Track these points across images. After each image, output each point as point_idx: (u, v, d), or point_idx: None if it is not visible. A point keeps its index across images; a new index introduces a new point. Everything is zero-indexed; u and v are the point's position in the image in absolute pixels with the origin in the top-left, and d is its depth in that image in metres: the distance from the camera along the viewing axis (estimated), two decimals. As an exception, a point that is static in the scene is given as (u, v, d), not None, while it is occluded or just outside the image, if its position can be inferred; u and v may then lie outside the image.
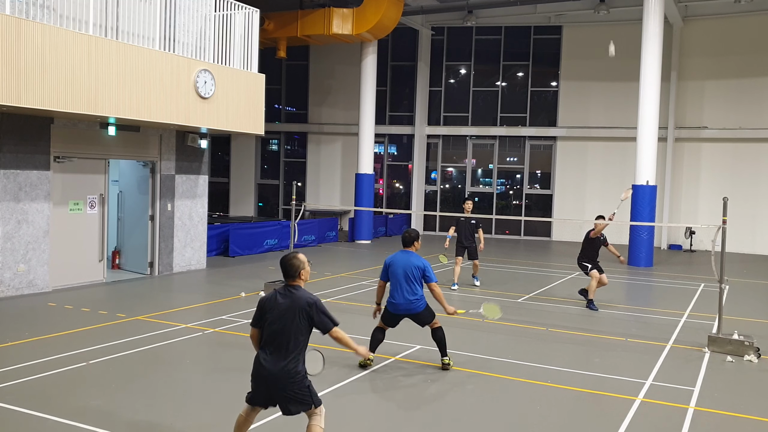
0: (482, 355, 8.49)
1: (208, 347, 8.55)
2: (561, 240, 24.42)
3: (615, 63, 23.19)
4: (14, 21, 9.40)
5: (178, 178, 14.40)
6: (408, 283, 7.69)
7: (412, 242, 8.06)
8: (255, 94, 14.14)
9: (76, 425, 5.80)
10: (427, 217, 26.05)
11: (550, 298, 12.84)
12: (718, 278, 9.15)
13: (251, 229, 18.38)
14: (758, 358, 8.63)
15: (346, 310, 10.98)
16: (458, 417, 6.34)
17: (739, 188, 21.74)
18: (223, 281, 13.43)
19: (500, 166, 25.85)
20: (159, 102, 11.80)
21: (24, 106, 9.72)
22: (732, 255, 17.36)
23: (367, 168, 22.34)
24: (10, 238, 11.14)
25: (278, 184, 27.75)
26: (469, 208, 13.62)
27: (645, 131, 17.85)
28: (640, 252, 17.78)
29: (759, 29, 21.89)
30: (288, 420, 5.14)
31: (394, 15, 20.47)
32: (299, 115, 27.49)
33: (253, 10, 13.98)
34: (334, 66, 26.40)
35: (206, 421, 6.08)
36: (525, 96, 25.23)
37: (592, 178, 24.11)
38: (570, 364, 8.20)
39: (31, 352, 7.95)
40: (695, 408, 6.77)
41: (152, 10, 11.97)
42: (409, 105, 26.04)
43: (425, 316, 7.83)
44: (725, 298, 10.03)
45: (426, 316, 7.83)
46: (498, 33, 25.23)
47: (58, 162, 11.91)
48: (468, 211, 13.60)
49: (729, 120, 22.36)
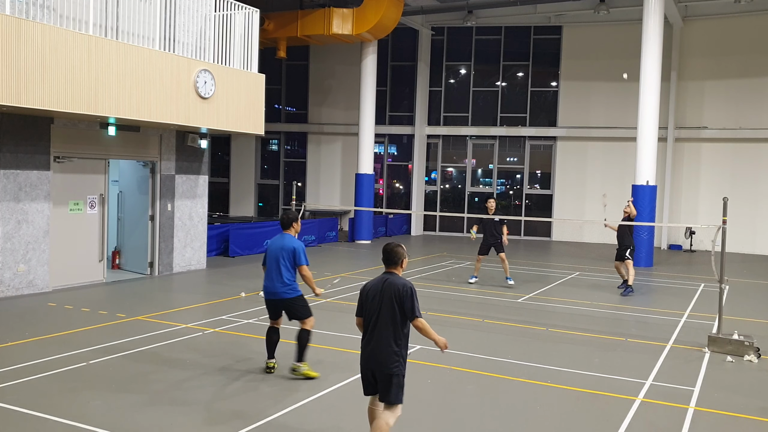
0: (482, 355, 8.49)
1: (208, 347, 8.54)
2: (561, 240, 24.42)
3: (615, 63, 23.24)
4: (14, 21, 9.41)
5: (178, 178, 14.41)
6: (279, 266, 7.38)
7: (290, 224, 7.61)
8: (255, 94, 14.13)
9: (76, 425, 5.80)
10: (427, 217, 26.06)
11: (550, 298, 12.84)
12: (718, 278, 9.15)
13: (251, 229, 18.38)
14: (758, 358, 8.63)
15: (347, 310, 10.98)
16: (458, 417, 6.34)
17: (739, 188, 21.74)
18: (223, 281, 13.43)
19: (500, 166, 25.85)
20: (159, 102, 11.80)
21: (24, 106, 9.72)
22: (732, 255, 17.37)
23: (367, 168, 22.34)
24: (10, 238, 11.14)
25: (278, 184, 27.75)
26: (492, 207, 13.84)
27: (645, 131, 17.85)
28: (640, 252, 17.74)
29: (759, 29, 21.89)
30: (289, 419, 5.13)
31: (394, 15, 20.47)
32: (299, 115, 27.49)
33: (253, 10, 13.98)
34: (334, 66, 26.40)
35: (206, 421, 6.08)
36: (525, 96, 25.23)
37: (592, 178, 24.10)
38: (570, 364, 8.20)
39: (31, 352, 7.95)
40: (695, 408, 6.77)
41: (152, 10, 11.97)
42: (409, 105, 26.04)
43: (297, 308, 7.43)
44: (725, 298, 10.03)
45: (298, 308, 7.43)
46: (498, 33, 25.24)
47: (58, 162, 11.91)
48: (491, 210, 13.82)
49: (729, 120, 22.36)
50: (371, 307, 5.13)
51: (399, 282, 5.11)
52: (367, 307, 5.17)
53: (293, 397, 6.69)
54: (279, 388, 6.98)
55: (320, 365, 7.68)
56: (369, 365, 5.10)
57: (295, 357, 7.32)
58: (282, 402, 6.54)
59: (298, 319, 7.46)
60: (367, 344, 5.12)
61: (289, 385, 7.09)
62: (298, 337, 7.34)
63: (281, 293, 7.38)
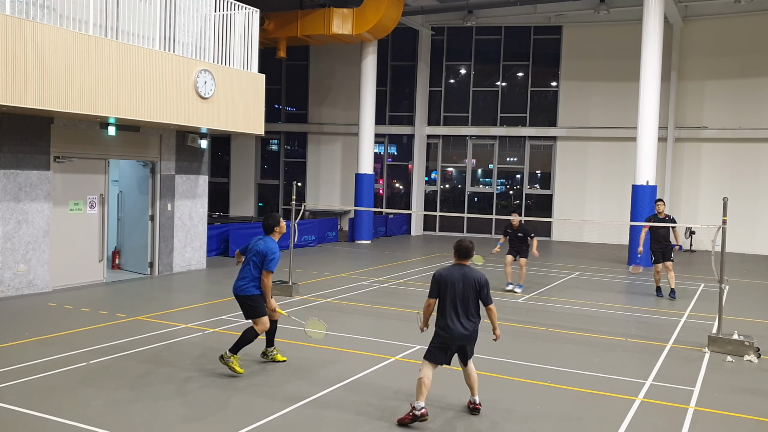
0: (482, 355, 8.47)
1: (208, 347, 8.54)
2: (561, 240, 24.42)
3: (615, 63, 23.26)
4: (14, 21, 9.41)
5: (178, 178, 14.41)
6: (250, 262, 7.47)
7: (272, 230, 7.62)
8: (255, 94, 14.13)
9: (76, 425, 5.80)
10: (427, 217, 26.06)
11: (550, 298, 12.83)
12: (718, 278, 9.14)
13: (251, 229, 18.38)
14: (758, 358, 8.63)
15: (346, 310, 10.98)
16: (458, 417, 6.33)
17: (739, 188, 21.74)
18: (223, 281, 13.42)
19: (500, 166, 25.85)
20: (159, 102, 11.80)
21: (24, 106, 9.72)
22: (732, 255, 17.36)
23: (367, 168, 22.34)
24: (10, 238, 11.14)
25: (278, 184, 27.75)
26: (516, 222, 13.23)
27: (645, 131, 17.84)
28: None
29: (759, 29, 21.89)
30: (289, 419, 5.12)
31: (394, 15, 20.47)
32: (299, 115, 27.49)
33: (253, 10, 13.98)
34: (334, 66, 26.40)
35: (206, 421, 6.08)
36: (525, 96, 25.23)
37: (592, 178, 24.11)
38: (570, 364, 8.20)
39: (31, 352, 7.95)
40: (695, 408, 6.77)
41: (152, 10, 11.97)
42: (409, 105, 26.04)
43: (254, 306, 7.44)
44: (725, 298, 10.03)
45: (255, 306, 7.43)
46: (498, 33, 25.24)
47: (58, 162, 11.91)
48: (515, 226, 13.24)
49: (729, 120, 22.35)
50: (455, 291, 6.18)
51: (476, 273, 6.28)
52: (448, 290, 6.19)
53: (294, 397, 6.69)
54: (280, 388, 6.97)
55: (320, 365, 7.67)
56: (460, 341, 6.23)
57: (230, 346, 7.37)
58: (284, 402, 6.53)
59: (252, 317, 7.49)
60: (459, 323, 6.17)
61: (290, 384, 7.09)
62: (244, 332, 7.40)
63: (244, 288, 7.45)
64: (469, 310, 6.21)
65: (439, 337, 6.24)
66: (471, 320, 6.22)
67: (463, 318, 6.18)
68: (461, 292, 6.18)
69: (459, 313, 6.18)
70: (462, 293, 6.18)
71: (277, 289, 12.12)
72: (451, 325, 6.17)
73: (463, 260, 6.36)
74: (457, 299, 6.18)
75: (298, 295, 12.07)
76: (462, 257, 6.37)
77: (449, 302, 6.19)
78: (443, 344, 6.23)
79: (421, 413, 6.02)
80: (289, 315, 8.32)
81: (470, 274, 6.25)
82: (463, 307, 6.19)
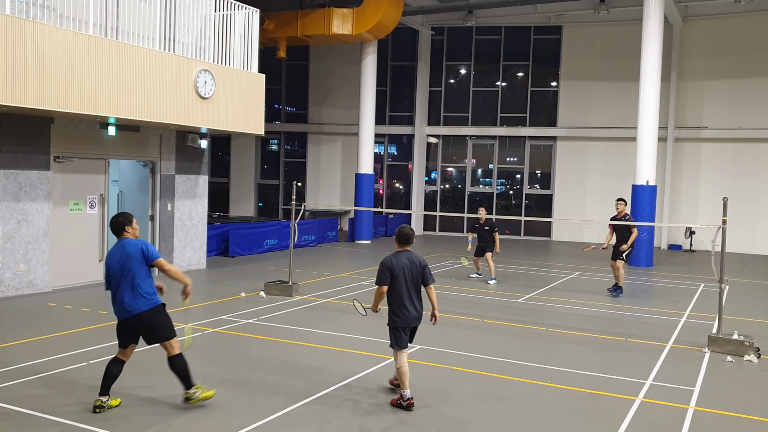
0: (482, 355, 8.49)
1: (209, 347, 8.54)
2: (561, 240, 24.43)
3: (615, 63, 23.26)
4: (14, 21, 9.40)
5: (178, 178, 14.41)
6: (128, 277, 6.00)
7: (123, 229, 6.19)
8: (255, 94, 14.14)
9: (76, 425, 5.80)
10: (427, 217, 26.06)
11: (550, 298, 12.84)
12: (718, 278, 9.14)
13: (251, 229, 18.38)
14: (758, 358, 8.63)
15: (347, 310, 10.98)
16: (458, 417, 6.34)
17: (739, 188, 21.75)
18: (223, 281, 13.42)
19: (500, 166, 25.85)
20: (159, 102, 11.80)
21: (24, 106, 9.72)
22: (732, 255, 17.37)
23: (367, 168, 22.34)
24: (10, 238, 11.14)
25: (278, 184, 27.75)
26: (481, 216, 14.42)
27: (645, 131, 17.85)
28: (640, 252, 17.75)
29: (759, 29, 21.90)
30: (289, 419, 5.11)
31: (394, 15, 20.47)
32: (299, 115, 27.49)
33: (253, 10, 13.98)
34: (334, 66, 26.40)
35: (206, 421, 6.08)
36: (525, 96, 25.23)
37: (592, 178, 24.11)
38: (570, 364, 8.20)
39: (31, 352, 7.95)
40: (695, 408, 6.76)
41: (152, 10, 11.97)
42: (409, 105, 26.04)
43: (156, 328, 6.08)
44: (725, 298, 10.03)
45: (157, 329, 6.08)
46: (498, 33, 25.24)
47: (58, 162, 11.91)
48: (482, 220, 14.41)
49: (729, 120, 22.36)
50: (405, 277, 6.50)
51: (418, 257, 6.68)
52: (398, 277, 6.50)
53: (296, 396, 6.69)
54: (281, 387, 6.97)
55: (320, 365, 7.68)
56: (415, 323, 6.66)
57: (182, 387, 6.27)
58: (286, 401, 6.53)
59: (158, 341, 6.13)
60: (412, 307, 6.57)
61: (291, 384, 7.09)
62: (172, 367, 6.16)
63: (136, 307, 6.01)
64: (419, 292, 6.66)
65: (398, 322, 6.59)
66: (420, 302, 6.68)
67: (415, 300, 6.62)
68: (411, 276, 6.58)
69: (412, 296, 6.59)
70: (412, 276, 6.58)
71: (278, 290, 12.13)
72: (409, 307, 6.57)
73: (405, 246, 6.70)
74: (410, 283, 6.57)
75: (298, 295, 12.07)
76: (403, 243, 6.71)
77: (404, 287, 6.56)
78: (403, 327, 6.61)
79: (407, 403, 6.35)
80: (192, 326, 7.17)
81: (414, 258, 6.65)
82: (415, 290, 6.62)
